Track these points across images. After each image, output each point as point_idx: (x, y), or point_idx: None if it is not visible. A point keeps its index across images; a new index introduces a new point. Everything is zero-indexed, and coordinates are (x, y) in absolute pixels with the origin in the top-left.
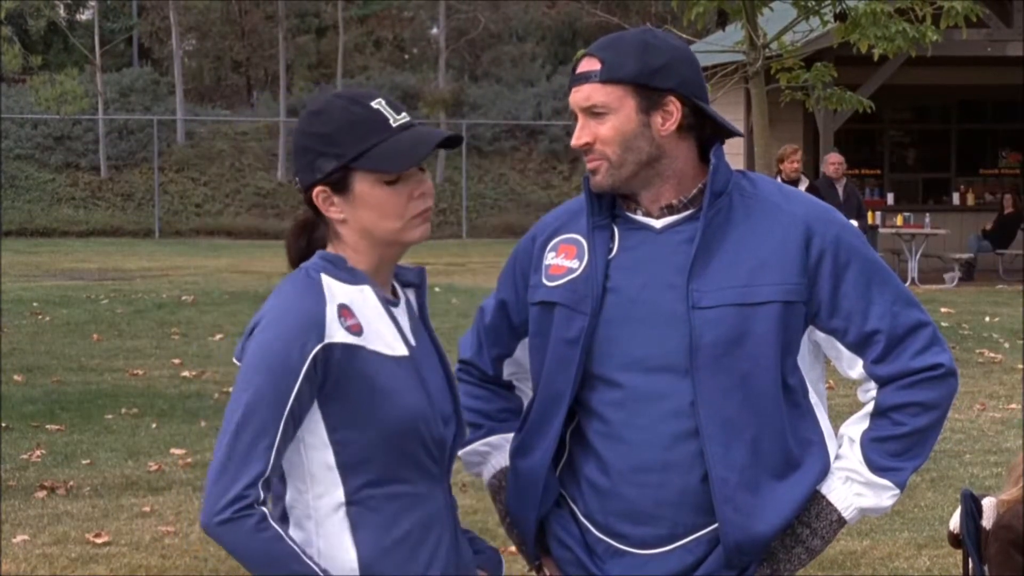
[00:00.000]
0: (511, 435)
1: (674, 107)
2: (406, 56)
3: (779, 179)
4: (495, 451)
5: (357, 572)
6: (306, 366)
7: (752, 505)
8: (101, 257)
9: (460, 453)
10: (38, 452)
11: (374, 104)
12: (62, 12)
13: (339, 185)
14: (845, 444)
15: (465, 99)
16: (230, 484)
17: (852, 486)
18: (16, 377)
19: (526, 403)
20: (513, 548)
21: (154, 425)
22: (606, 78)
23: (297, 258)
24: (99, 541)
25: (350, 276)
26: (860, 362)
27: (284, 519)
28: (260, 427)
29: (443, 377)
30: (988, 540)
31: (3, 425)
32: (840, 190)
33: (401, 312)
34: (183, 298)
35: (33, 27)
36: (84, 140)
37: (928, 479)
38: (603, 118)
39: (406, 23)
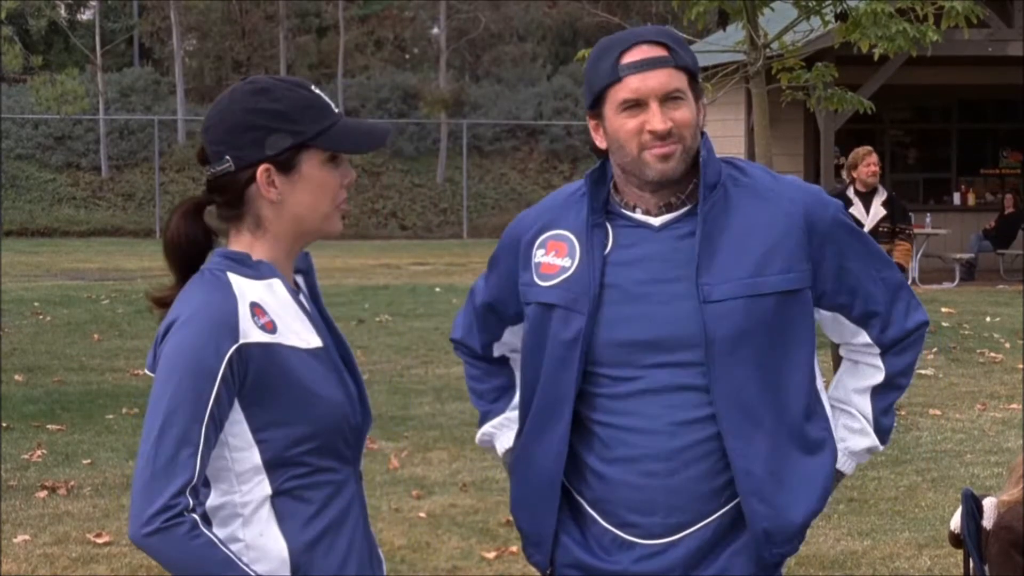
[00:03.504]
0: (506, 412)
1: (702, 102)
2: (407, 56)
3: (853, 188)
4: (499, 431)
5: (288, 562)
6: (223, 368)
7: (779, 494)
8: (102, 257)
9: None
10: (39, 452)
11: (314, 89)
12: (63, 12)
13: (286, 164)
14: (860, 419)
15: (466, 99)
16: (156, 495)
17: (862, 456)
18: (17, 377)
19: (518, 375)
20: (514, 548)
21: None
22: (679, 64)
23: (186, 243)
24: (100, 541)
25: (256, 272)
26: (864, 332)
27: (207, 521)
28: (182, 434)
29: (343, 363)
30: (989, 540)
31: (4, 425)
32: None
33: (306, 301)
34: None
35: (34, 27)
36: (85, 140)
37: (929, 479)
38: (679, 103)
39: (407, 23)
